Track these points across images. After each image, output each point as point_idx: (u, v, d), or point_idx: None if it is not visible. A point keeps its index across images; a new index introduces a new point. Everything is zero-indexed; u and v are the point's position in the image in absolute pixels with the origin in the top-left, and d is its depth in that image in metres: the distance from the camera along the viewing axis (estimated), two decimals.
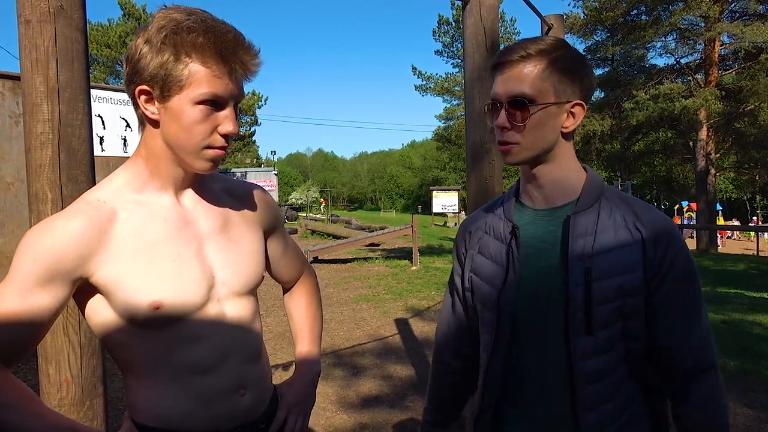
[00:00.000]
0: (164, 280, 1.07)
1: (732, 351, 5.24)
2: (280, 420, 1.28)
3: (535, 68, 1.11)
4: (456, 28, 32.68)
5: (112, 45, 31.48)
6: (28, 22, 1.48)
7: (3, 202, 5.49)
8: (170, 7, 1.04)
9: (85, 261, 1.02)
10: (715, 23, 19.73)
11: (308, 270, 1.53)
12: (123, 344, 1.09)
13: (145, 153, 1.11)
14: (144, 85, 1.04)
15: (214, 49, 1.01)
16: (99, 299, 1.07)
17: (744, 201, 43.98)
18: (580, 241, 1.12)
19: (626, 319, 1.11)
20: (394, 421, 3.93)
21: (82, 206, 1.06)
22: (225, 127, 1.06)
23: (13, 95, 5.54)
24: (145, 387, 1.12)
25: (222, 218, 1.20)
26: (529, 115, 1.11)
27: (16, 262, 1.01)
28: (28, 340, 1.02)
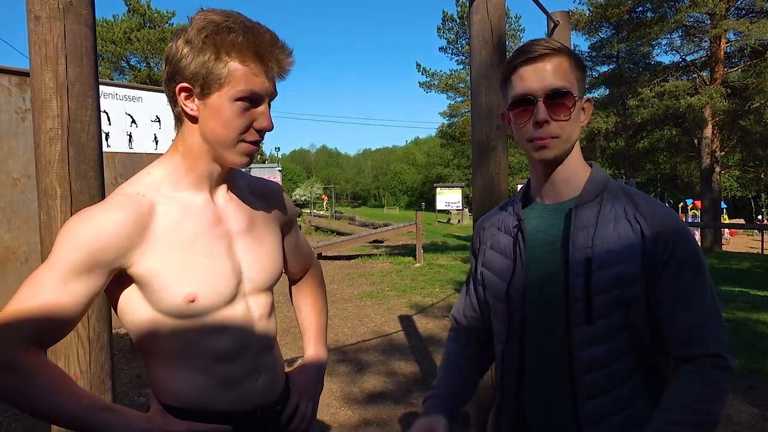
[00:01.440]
0: (199, 274, 1.12)
1: (736, 349, 5.24)
2: (293, 404, 1.36)
3: (565, 62, 1.14)
4: (460, 24, 32.59)
5: (117, 41, 31.49)
6: (37, 18, 1.48)
7: (10, 197, 5.51)
8: (207, 10, 1.09)
9: (126, 252, 1.07)
10: (721, 20, 19.62)
11: (315, 264, 1.60)
12: (153, 334, 1.13)
13: (183, 149, 1.16)
14: (185, 83, 1.08)
15: (253, 49, 1.06)
16: (133, 290, 1.12)
17: (749, 199, 43.79)
18: (582, 233, 1.14)
19: (627, 308, 1.12)
20: (399, 417, 3.94)
21: (123, 199, 1.10)
22: (261, 122, 1.11)
23: (19, 91, 5.55)
24: (171, 372, 1.17)
25: (249, 217, 1.26)
26: (573, 105, 1.14)
27: (58, 250, 1.04)
28: (64, 325, 1.05)
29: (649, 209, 1.14)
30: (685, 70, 23.12)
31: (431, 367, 4.94)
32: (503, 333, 1.25)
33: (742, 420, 3.75)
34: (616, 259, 1.11)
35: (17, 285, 4.15)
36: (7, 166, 5.49)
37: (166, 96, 1.15)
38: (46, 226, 1.53)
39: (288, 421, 1.34)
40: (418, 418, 1.29)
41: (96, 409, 1.04)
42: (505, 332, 1.24)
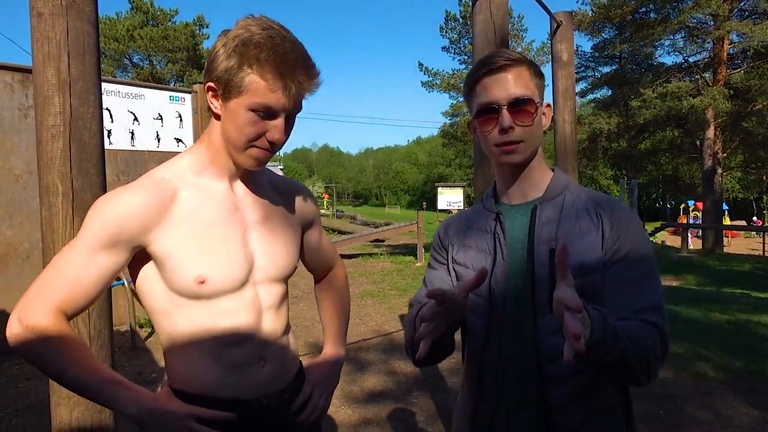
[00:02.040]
0: (211, 258, 1.19)
1: (737, 351, 5.23)
2: (306, 394, 1.40)
3: (525, 71, 1.22)
4: (463, 24, 32.55)
5: (120, 38, 31.49)
6: (40, 14, 1.48)
7: (12, 194, 5.52)
8: (254, 18, 1.16)
9: (146, 231, 1.15)
10: (725, 22, 19.57)
11: (339, 264, 1.66)
12: (165, 312, 1.21)
13: (208, 141, 1.25)
14: (212, 83, 1.16)
15: (274, 66, 1.10)
16: (151, 268, 1.20)
17: (751, 201, 43.73)
18: (546, 227, 1.22)
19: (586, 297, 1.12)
20: (399, 416, 3.94)
21: (149, 182, 1.19)
22: (272, 134, 1.17)
23: (22, 88, 5.56)
24: (182, 355, 1.23)
25: (266, 209, 1.32)
26: (535, 111, 1.21)
27: (86, 226, 1.14)
28: (89, 296, 1.15)
29: (609, 205, 1.24)
30: (688, 71, 23.07)
31: (432, 367, 4.94)
32: (483, 328, 1.26)
33: (743, 422, 3.75)
34: (579, 250, 1.18)
35: (18, 281, 4.24)
36: (10, 163, 5.49)
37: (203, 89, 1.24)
38: (47, 222, 1.53)
39: (299, 410, 1.38)
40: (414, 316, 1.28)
41: (110, 381, 1.12)
42: (486, 327, 1.25)
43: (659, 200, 42.81)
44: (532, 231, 1.23)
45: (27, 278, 5.54)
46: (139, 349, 5.72)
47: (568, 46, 4.51)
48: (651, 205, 46.50)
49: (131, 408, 1.12)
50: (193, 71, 32.39)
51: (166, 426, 1.15)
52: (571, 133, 4.55)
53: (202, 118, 7.47)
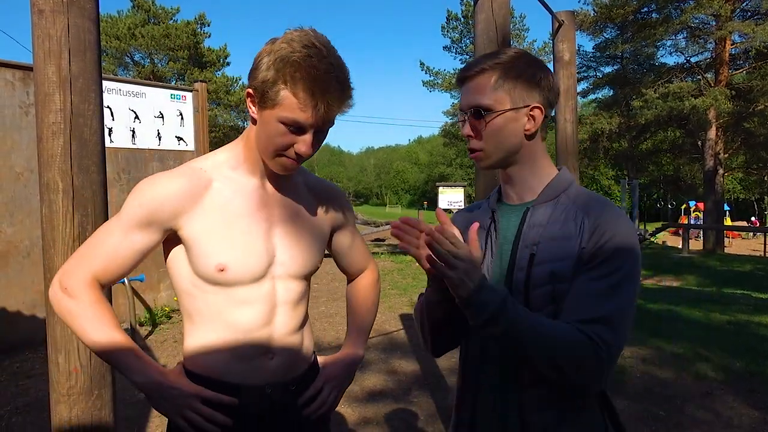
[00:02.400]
0: (233, 248, 1.26)
1: (738, 352, 5.23)
2: (316, 388, 1.43)
3: (490, 79, 1.21)
4: (465, 23, 32.52)
5: (122, 36, 31.48)
6: (41, 11, 1.48)
7: (12, 191, 5.51)
8: (300, 31, 1.20)
9: (178, 215, 1.24)
10: (727, 22, 19.55)
11: (371, 267, 1.70)
12: (189, 293, 1.30)
13: (245, 140, 1.32)
14: (251, 89, 1.22)
15: (306, 86, 1.15)
16: (180, 251, 1.29)
17: (752, 201, 43.69)
18: (532, 231, 1.22)
19: (557, 303, 1.16)
20: (399, 415, 3.94)
21: (187, 170, 1.28)
22: (299, 147, 1.22)
23: (23, 85, 5.56)
24: (196, 334, 1.31)
25: (294, 208, 1.39)
26: (486, 123, 1.21)
27: (126, 205, 1.25)
28: (121, 269, 1.26)
29: (596, 210, 1.19)
30: (690, 71, 23.06)
31: (432, 366, 4.94)
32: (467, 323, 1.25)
33: (743, 423, 3.74)
34: (555, 256, 1.17)
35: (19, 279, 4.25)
36: (10, 161, 5.49)
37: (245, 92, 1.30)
38: (47, 220, 1.53)
39: (307, 403, 1.41)
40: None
41: (126, 350, 1.23)
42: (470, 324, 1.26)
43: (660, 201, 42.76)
44: (519, 233, 1.24)
45: (27, 276, 5.54)
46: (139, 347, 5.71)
47: (570, 46, 4.51)
48: (652, 206, 46.48)
49: (139, 377, 1.22)
50: (194, 69, 32.40)
51: (170, 401, 1.24)
52: (572, 133, 4.55)
53: (203, 116, 7.47)
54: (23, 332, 5.47)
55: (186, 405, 1.24)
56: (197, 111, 7.39)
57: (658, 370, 4.76)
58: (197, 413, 1.24)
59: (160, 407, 1.26)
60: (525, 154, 1.25)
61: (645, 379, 4.56)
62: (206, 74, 32.16)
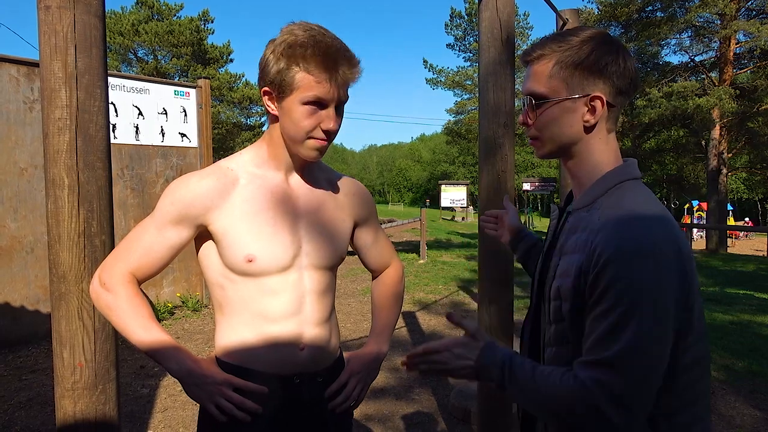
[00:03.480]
0: (260, 240, 1.33)
1: (740, 352, 5.22)
2: (341, 381, 1.48)
3: (548, 66, 1.14)
4: (468, 21, 32.48)
5: (125, 33, 31.50)
6: (47, 7, 1.48)
7: (17, 187, 5.53)
8: (295, 24, 1.29)
9: (207, 211, 1.32)
10: (731, 21, 19.49)
11: (395, 263, 1.73)
12: (220, 285, 1.37)
13: (268, 139, 1.39)
14: (267, 87, 1.30)
15: (319, 60, 1.24)
16: (210, 245, 1.36)
17: (755, 201, 43.57)
18: (565, 238, 1.17)
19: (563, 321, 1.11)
20: (400, 412, 3.95)
21: (215, 170, 1.36)
22: (326, 124, 1.29)
23: (27, 81, 5.57)
24: (228, 325, 1.38)
25: (317, 202, 1.45)
26: (541, 111, 1.16)
27: (159, 204, 1.34)
28: (157, 264, 1.35)
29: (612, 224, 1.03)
30: (694, 70, 23.00)
31: None
32: (529, 313, 1.32)
33: (745, 423, 3.75)
34: (562, 272, 1.11)
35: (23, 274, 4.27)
36: (15, 156, 5.50)
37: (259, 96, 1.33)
38: (53, 215, 1.53)
39: (332, 396, 1.46)
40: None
41: (165, 342, 1.30)
42: (529, 312, 1.31)
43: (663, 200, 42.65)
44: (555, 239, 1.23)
45: (31, 271, 5.56)
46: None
47: None
48: None
49: (174, 365, 1.29)
50: (197, 66, 32.42)
51: (202, 388, 1.30)
52: None
53: (207, 112, 7.47)
54: (27, 327, 5.49)
55: (217, 392, 1.30)
56: (200, 107, 7.40)
57: None
58: (228, 400, 1.30)
59: (192, 394, 1.32)
60: (582, 149, 1.16)
61: None
62: (209, 71, 32.19)
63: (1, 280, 5.41)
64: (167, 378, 4.64)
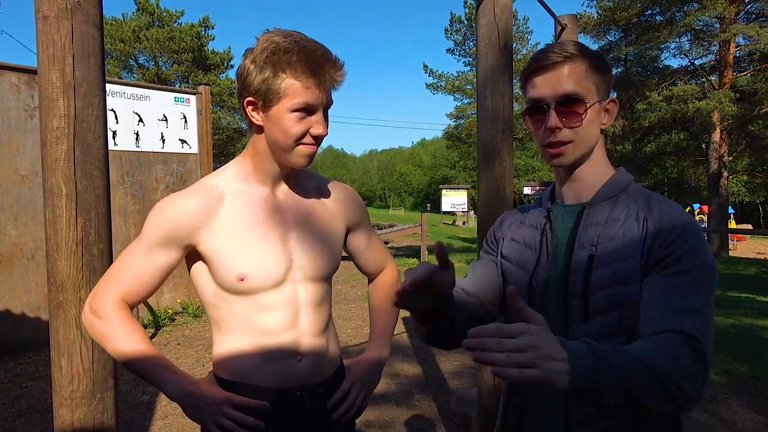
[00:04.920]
0: (251, 257, 1.30)
1: (742, 356, 5.21)
2: (344, 390, 1.46)
3: (580, 67, 1.15)
4: (468, 26, 32.54)
5: (126, 39, 31.59)
6: (45, 17, 1.49)
7: (17, 194, 5.54)
8: (272, 31, 1.26)
9: (195, 232, 1.28)
10: (731, 25, 19.51)
11: (390, 265, 1.71)
12: (214, 304, 1.34)
13: (252, 151, 1.35)
14: (251, 97, 1.26)
15: (305, 65, 1.21)
16: (201, 265, 1.33)
17: (756, 204, 43.53)
18: (590, 231, 1.15)
19: (621, 308, 1.09)
20: (401, 419, 3.94)
21: (200, 188, 1.32)
22: (315, 129, 1.27)
23: (28, 89, 5.59)
24: (225, 342, 1.35)
25: (307, 211, 1.42)
26: (584, 112, 1.14)
27: (145, 227, 1.30)
28: (147, 289, 1.31)
29: (659, 208, 1.12)
30: (694, 74, 23.00)
31: (434, 369, 4.94)
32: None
33: (747, 427, 3.73)
34: (616, 257, 1.10)
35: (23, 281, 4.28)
36: (15, 163, 5.52)
37: (239, 108, 1.33)
38: (51, 224, 1.54)
39: (335, 406, 1.43)
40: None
41: (158, 365, 1.28)
42: None
43: None
44: (574, 233, 1.17)
45: (32, 278, 5.56)
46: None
47: None
48: None
49: (172, 389, 1.26)
50: (198, 72, 32.47)
51: (203, 409, 1.27)
52: None
53: (207, 119, 7.49)
54: (27, 334, 5.49)
55: (219, 412, 1.27)
56: (201, 114, 7.42)
57: None
58: (230, 419, 1.28)
59: (193, 416, 1.30)
60: (596, 151, 1.20)
61: None
62: (210, 77, 32.24)
63: (2, 287, 5.41)
64: None
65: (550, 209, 1.25)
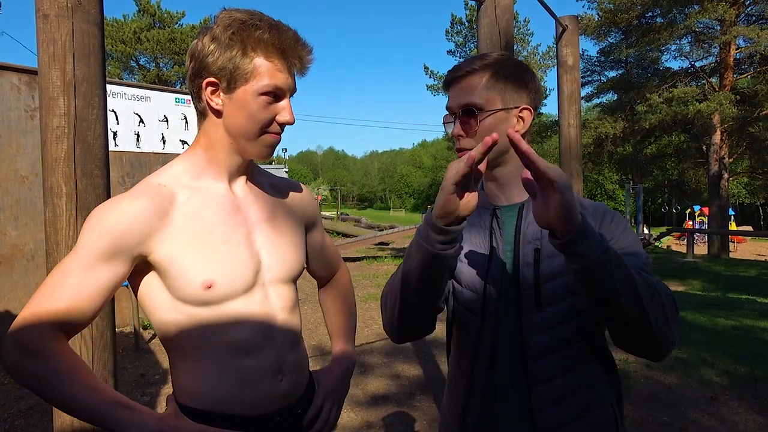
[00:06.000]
0: (217, 261, 1.13)
1: (743, 357, 5.20)
2: (316, 406, 1.33)
3: (481, 79, 1.22)
4: (469, 28, 32.56)
5: (127, 40, 31.62)
6: (46, 16, 1.49)
7: (17, 195, 5.54)
8: (231, 9, 1.14)
9: (146, 239, 1.08)
10: (731, 27, 19.49)
11: (343, 267, 1.61)
12: (173, 323, 1.14)
13: (205, 143, 1.19)
14: (211, 78, 1.12)
15: (277, 45, 1.11)
16: (154, 279, 1.13)
17: (757, 206, 43.51)
18: (532, 226, 1.22)
19: (573, 294, 1.17)
20: (402, 420, 3.93)
21: (145, 188, 1.13)
22: (283, 116, 1.15)
23: (29, 89, 5.59)
24: (190, 368, 1.16)
25: (269, 209, 1.27)
26: (479, 121, 1.21)
27: (83, 238, 1.07)
28: (89, 312, 1.06)
29: (589, 203, 1.26)
30: (694, 76, 22.99)
31: (435, 370, 4.93)
32: (476, 324, 1.25)
33: (748, 428, 3.72)
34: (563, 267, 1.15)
35: (23, 282, 4.27)
36: (16, 164, 5.52)
37: (190, 92, 1.18)
38: (51, 224, 1.53)
39: (309, 424, 1.31)
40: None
41: (113, 404, 1.01)
42: (479, 322, 1.25)
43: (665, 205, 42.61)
44: (518, 231, 1.24)
45: (32, 279, 5.56)
46: (142, 350, 5.72)
47: (574, 51, 4.50)
48: (657, 210, 46.36)
49: (134, 430, 1.00)
50: None
51: None
52: (576, 138, 4.54)
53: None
54: None
55: None
56: None
57: (662, 376, 4.73)
58: None
59: None
60: (513, 155, 1.24)
61: (649, 385, 4.53)
62: None
63: (2, 288, 5.41)
64: (168, 386, 4.62)
65: (496, 208, 1.29)
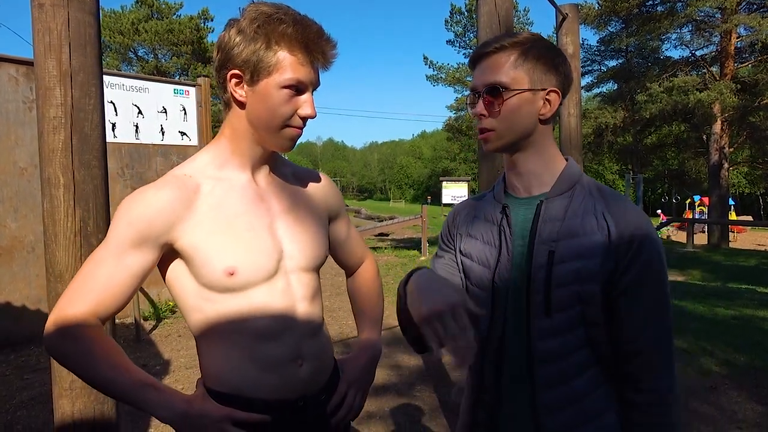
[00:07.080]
0: (240, 248, 1.17)
1: (742, 347, 5.21)
2: (341, 393, 1.36)
3: (509, 57, 1.16)
4: (468, 17, 32.40)
5: (125, 32, 31.48)
6: (41, 5, 1.47)
7: (17, 187, 5.53)
8: (259, 2, 1.16)
9: (172, 227, 1.14)
10: (732, 15, 19.39)
11: (369, 257, 1.63)
12: (198, 309, 1.19)
13: (229, 133, 1.23)
14: (236, 70, 1.14)
15: (301, 39, 1.12)
16: (180, 266, 1.18)
17: (757, 196, 43.48)
18: (548, 226, 1.16)
19: (584, 304, 1.13)
20: (402, 410, 3.95)
21: (171, 179, 1.18)
22: (304, 110, 1.17)
23: (26, 81, 5.56)
24: (214, 352, 1.21)
25: (291, 199, 1.31)
26: (504, 101, 1.16)
27: (113, 227, 1.14)
28: (121, 297, 1.14)
29: (619, 208, 1.16)
30: (695, 65, 22.91)
31: (435, 361, 4.94)
32: (485, 322, 1.23)
33: (747, 417, 3.74)
34: (578, 254, 1.12)
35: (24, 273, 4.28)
36: (14, 156, 5.50)
37: (216, 82, 1.21)
38: (49, 214, 1.53)
39: (333, 410, 1.34)
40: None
41: (144, 385, 1.09)
42: (488, 322, 1.23)
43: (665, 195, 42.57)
44: (534, 229, 1.18)
45: (32, 270, 5.56)
46: (143, 341, 5.74)
47: (574, 39, 4.48)
48: (657, 200, 46.35)
49: (164, 412, 1.10)
50: (197, 65, 32.37)
51: (200, 430, 1.12)
52: (576, 127, 4.52)
53: (206, 111, 7.47)
54: (28, 326, 5.50)
55: (218, 430, 1.13)
56: (200, 106, 7.40)
57: None
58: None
59: None
60: (536, 140, 1.20)
61: None
62: (209, 69, 32.04)
63: (2, 279, 5.42)
64: (170, 376, 4.64)
65: (506, 204, 1.24)
